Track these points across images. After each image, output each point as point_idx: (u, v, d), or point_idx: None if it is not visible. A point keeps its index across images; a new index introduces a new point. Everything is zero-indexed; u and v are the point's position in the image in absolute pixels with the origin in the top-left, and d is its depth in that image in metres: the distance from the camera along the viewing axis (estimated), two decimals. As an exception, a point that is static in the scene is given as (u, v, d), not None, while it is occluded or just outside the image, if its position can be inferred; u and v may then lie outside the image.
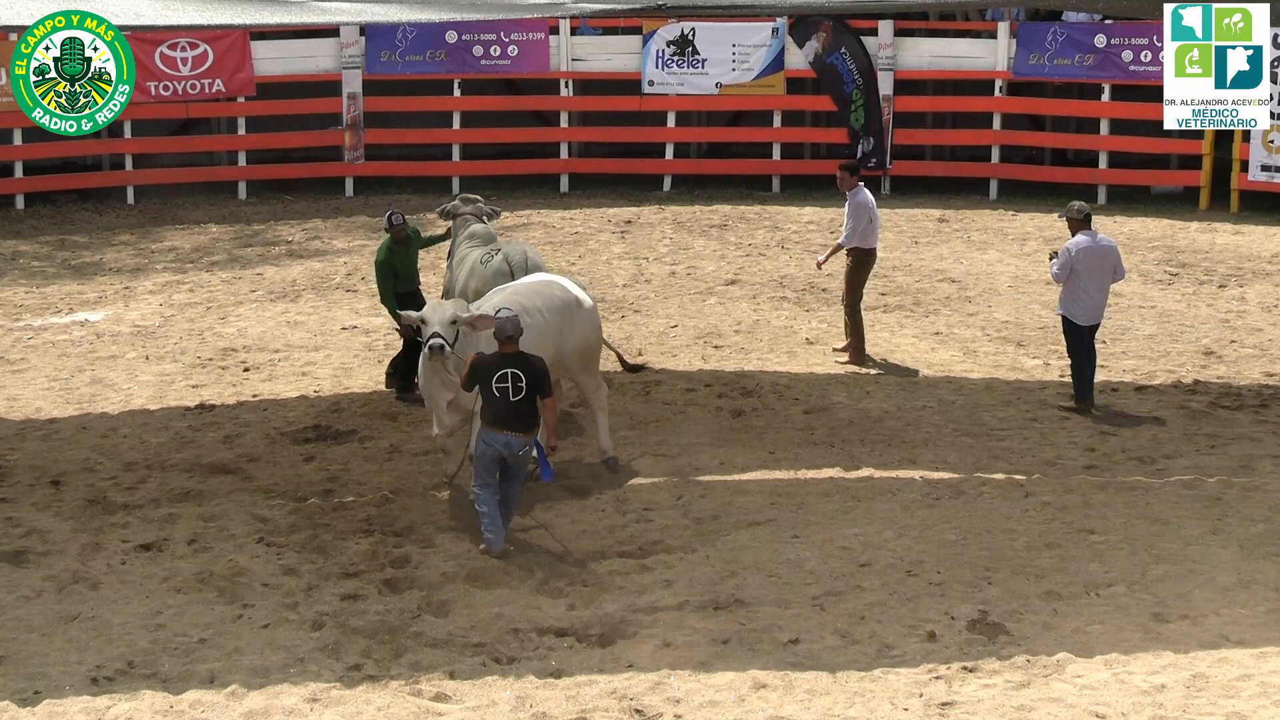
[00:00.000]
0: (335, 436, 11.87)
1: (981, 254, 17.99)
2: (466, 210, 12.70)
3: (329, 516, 10.26)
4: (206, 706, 7.77)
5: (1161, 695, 7.83)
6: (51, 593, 9.09)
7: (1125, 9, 16.64)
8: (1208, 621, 8.65)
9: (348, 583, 9.23)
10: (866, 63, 21.12)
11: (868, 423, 12.10)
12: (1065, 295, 12.30)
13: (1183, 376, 13.32)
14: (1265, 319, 15.24)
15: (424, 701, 7.82)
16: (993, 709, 7.71)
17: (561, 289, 10.95)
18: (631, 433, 11.85)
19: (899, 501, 10.48)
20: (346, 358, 13.94)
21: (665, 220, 19.82)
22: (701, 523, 10.15)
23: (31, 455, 11.48)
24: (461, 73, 21.40)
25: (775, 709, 7.74)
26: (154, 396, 12.90)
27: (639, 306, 15.65)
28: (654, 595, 9.04)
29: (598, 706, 7.77)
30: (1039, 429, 11.96)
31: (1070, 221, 12.29)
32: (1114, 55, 20.41)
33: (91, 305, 15.90)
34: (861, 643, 8.42)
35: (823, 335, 14.55)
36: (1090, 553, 9.59)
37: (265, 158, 21.61)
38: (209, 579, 9.24)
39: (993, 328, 14.87)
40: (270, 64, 20.95)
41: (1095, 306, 12.27)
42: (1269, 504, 10.36)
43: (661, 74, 21.49)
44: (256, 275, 17.10)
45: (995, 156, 21.26)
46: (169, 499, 10.59)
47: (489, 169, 21.68)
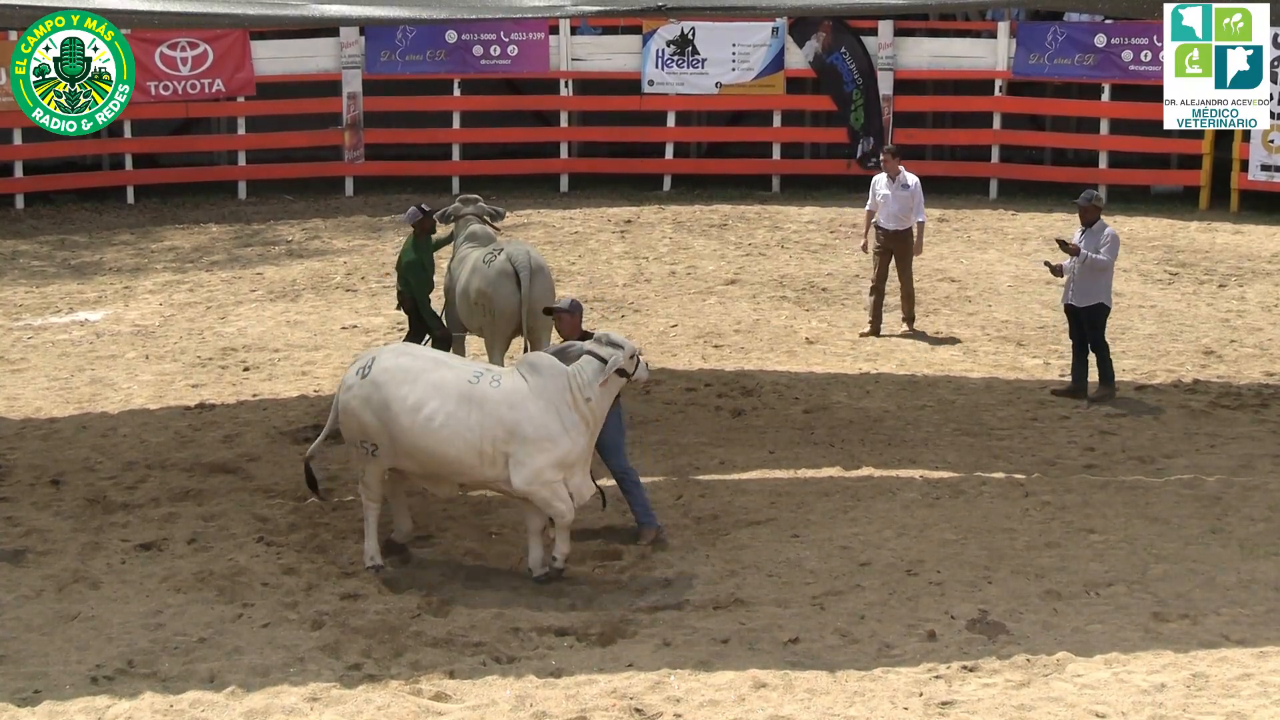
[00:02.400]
0: (335, 436, 11.84)
1: (981, 254, 18.00)
2: (468, 211, 12.66)
3: (329, 516, 10.26)
4: (206, 706, 7.77)
5: (1161, 695, 7.83)
6: (51, 592, 9.08)
7: (1125, 10, 16.64)
8: (1208, 621, 8.65)
9: (348, 582, 9.23)
10: (866, 62, 21.13)
11: (868, 422, 12.10)
12: (1105, 283, 12.52)
13: (1183, 376, 13.33)
14: (1265, 319, 15.24)
15: (424, 701, 7.81)
16: (993, 708, 7.71)
17: None
18: (631, 432, 11.83)
19: (899, 501, 10.48)
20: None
21: (665, 220, 19.82)
22: (701, 523, 10.15)
23: (31, 455, 11.48)
24: (461, 73, 21.41)
25: (775, 708, 7.73)
26: (154, 396, 12.90)
27: (639, 306, 15.65)
28: (654, 595, 9.04)
29: (598, 706, 7.76)
30: (1039, 429, 11.96)
31: (1093, 210, 12.43)
32: (1114, 55, 20.41)
33: (91, 305, 15.90)
34: (861, 642, 8.42)
35: (823, 335, 14.56)
36: (1090, 552, 9.58)
37: (265, 157, 21.61)
38: (209, 578, 9.24)
39: (993, 327, 14.87)
40: (270, 64, 20.96)
41: None
42: (1269, 503, 10.36)
43: (661, 74, 21.50)
44: (256, 275, 17.10)
45: (995, 156, 21.27)
46: (169, 498, 10.59)
47: (489, 169, 21.68)
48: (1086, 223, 12.50)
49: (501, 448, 8.88)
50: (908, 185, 14.38)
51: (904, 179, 14.38)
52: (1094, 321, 12.56)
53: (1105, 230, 12.47)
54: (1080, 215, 12.58)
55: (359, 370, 9.27)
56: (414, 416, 8.94)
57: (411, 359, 9.22)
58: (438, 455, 8.98)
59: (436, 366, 9.13)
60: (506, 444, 8.88)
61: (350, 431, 9.31)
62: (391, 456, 9.18)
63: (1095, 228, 12.45)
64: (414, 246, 12.27)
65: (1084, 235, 12.50)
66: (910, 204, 14.39)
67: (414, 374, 9.04)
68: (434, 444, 8.94)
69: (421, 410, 8.93)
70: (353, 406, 9.18)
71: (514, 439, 8.87)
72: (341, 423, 9.36)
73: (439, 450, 8.96)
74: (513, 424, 8.88)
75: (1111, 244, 12.43)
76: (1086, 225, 12.50)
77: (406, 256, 12.29)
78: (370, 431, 9.15)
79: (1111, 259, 12.48)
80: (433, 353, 9.64)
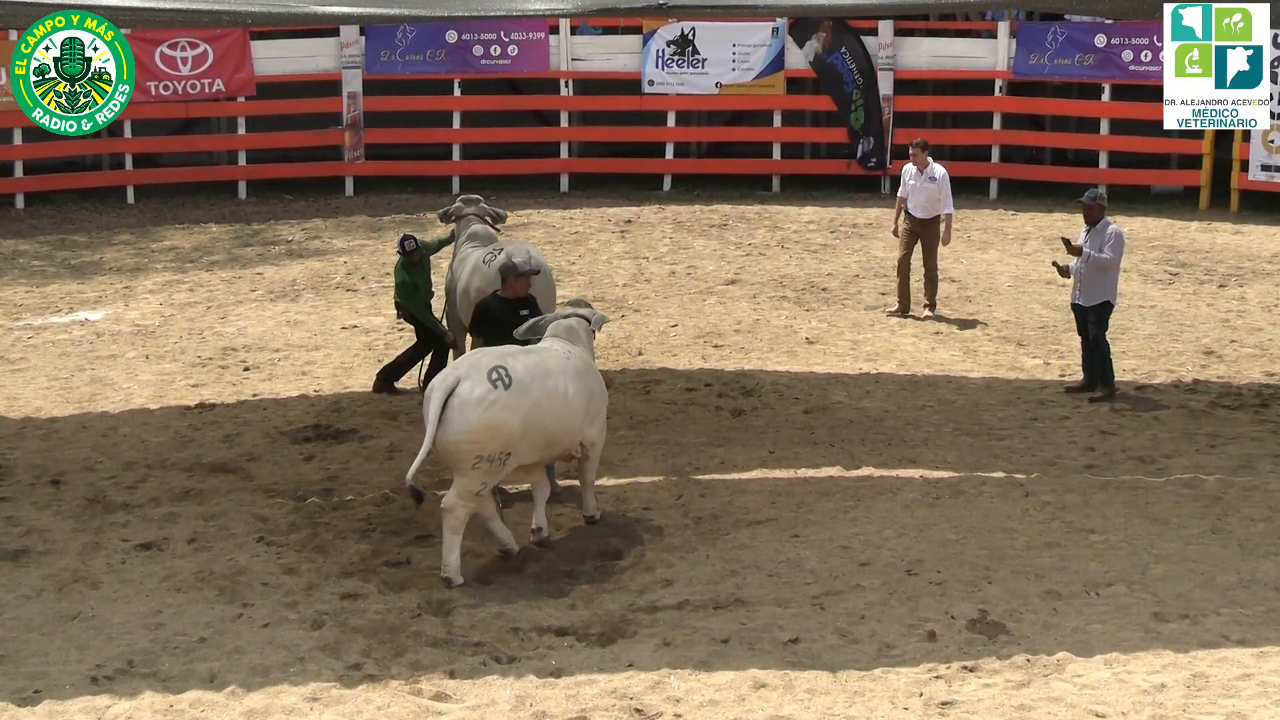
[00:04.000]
0: (335, 436, 11.87)
1: (981, 254, 18.00)
2: (470, 211, 12.70)
3: (329, 516, 10.27)
4: (206, 706, 7.77)
5: (1161, 695, 7.83)
6: (51, 592, 9.08)
7: (1124, 12, 16.64)
8: (1208, 621, 8.65)
9: (348, 582, 9.23)
10: (866, 62, 21.13)
11: (868, 422, 12.10)
12: (1111, 281, 12.57)
13: (1183, 376, 13.33)
14: (1265, 319, 15.24)
15: (424, 701, 7.81)
16: (993, 708, 7.71)
17: None
18: (631, 432, 11.85)
19: (899, 501, 10.48)
20: (346, 357, 13.94)
21: (665, 220, 19.83)
22: (701, 522, 10.15)
23: (31, 454, 11.48)
24: (461, 72, 21.42)
25: (775, 708, 7.73)
26: (154, 396, 12.90)
27: (639, 306, 15.65)
28: (654, 595, 9.04)
29: (598, 706, 7.76)
30: (1039, 429, 11.96)
31: (1097, 208, 12.45)
32: (1114, 55, 20.42)
33: (91, 305, 15.90)
34: (861, 642, 8.42)
35: (823, 335, 14.56)
36: (1090, 552, 9.58)
37: (265, 157, 21.62)
38: (209, 578, 9.24)
39: (993, 327, 14.87)
40: (270, 64, 20.96)
41: None
42: (1269, 503, 10.36)
43: (661, 74, 21.50)
44: (256, 275, 17.10)
45: (995, 156, 21.28)
46: (169, 498, 10.59)
47: (489, 169, 21.69)
48: (1091, 221, 12.52)
49: (592, 407, 9.80)
50: (934, 178, 14.95)
51: (931, 171, 14.96)
52: (1099, 319, 12.57)
53: (1109, 229, 12.48)
54: (1084, 214, 12.60)
55: (493, 383, 9.09)
56: (563, 404, 9.49)
57: (524, 355, 9.54)
58: (571, 432, 9.62)
59: (547, 355, 9.64)
60: (592, 403, 9.81)
61: (487, 447, 9.09)
62: (520, 456, 9.33)
63: (1099, 226, 12.47)
64: (404, 268, 12.64)
65: (1088, 234, 12.52)
66: (937, 195, 14.95)
67: (544, 367, 9.47)
68: (571, 424, 9.59)
69: (566, 396, 9.51)
70: (500, 419, 9.07)
71: (594, 398, 9.86)
72: (472, 442, 9.04)
73: (572, 427, 9.61)
74: (595, 386, 9.89)
75: (1115, 242, 12.45)
76: (1091, 224, 12.51)
77: (399, 277, 12.68)
78: (514, 439, 9.17)
79: (1116, 257, 12.49)
80: (520, 347, 9.79)
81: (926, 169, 14.94)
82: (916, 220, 15.02)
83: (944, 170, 15.07)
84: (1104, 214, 12.56)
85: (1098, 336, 12.60)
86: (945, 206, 14.98)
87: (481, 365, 9.22)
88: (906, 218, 15.08)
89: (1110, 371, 12.66)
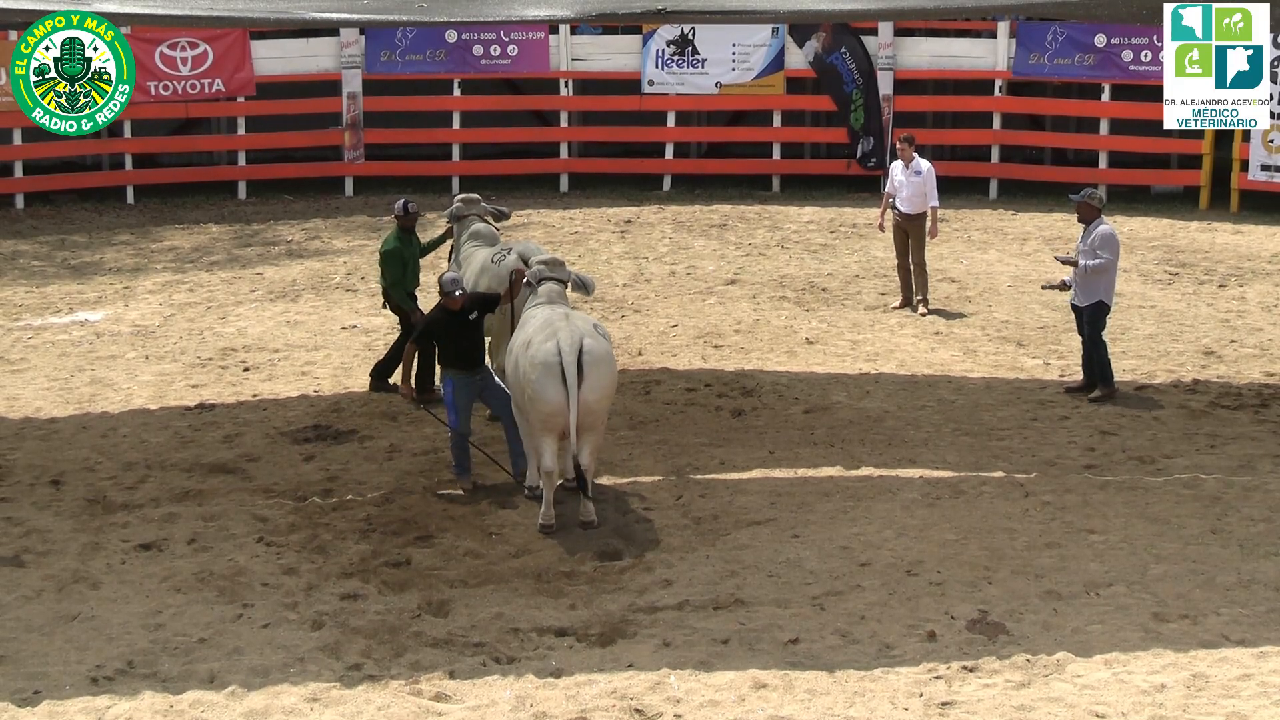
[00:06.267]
0: (335, 436, 11.87)
1: (981, 254, 18.00)
2: (472, 211, 12.71)
3: (329, 516, 10.27)
4: (206, 706, 7.77)
5: (1161, 695, 7.83)
6: (51, 592, 9.09)
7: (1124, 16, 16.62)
8: (1208, 621, 8.65)
9: (348, 583, 9.23)
10: (866, 62, 21.13)
11: (868, 423, 12.10)
12: (1106, 282, 12.56)
13: (1183, 376, 13.33)
14: (1265, 319, 15.24)
15: (424, 701, 7.82)
16: (993, 709, 7.71)
17: None
18: (631, 432, 11.86)
19: (899, 501, 10.48)
20: (346, 358, 13.94)
21: (665, 220, 19.82)
22: (701, 523, 10.15)
23: (31, 455, 11.48)
24: (461, 72, 21.41)
25: (775, 709, 7.74)
26: (154, 396, 12.90)
27: (639, 306, 15.66)
28: (654, 595, 9.04)
29: (598, 706, 7.77)
30: (1039, 429, 11.96)
31: (1086, 207, 12.42)
32: (1114, 55, 20.41)
33: (91, 305, 15.90)
34: (861, 642, 8.42)
35: (823, 335, 14.56)
36: (1090, 552, 9.58)
37: (265, 157, 21.62)
38: (209, 579, 9.25)
39: (993, 328, 14.87)
40: (270, 64, 20.96)
41: None
42: (1269, 503, 10.36)
43: (661, 74, 21.50)
44: (256, 275, 17.10)
45: (995, 156, 21.27)
46: (169, 499, 10.59)
47: (489, 169, 21.69)
48: (1083, 221, 12.50)
49: None
50: (919, 171, 15.14)
51: (916, 165, 15.16)
52: (1093, 319, 12.56)
53: (1097, 229, 12.40)
54: (1077, 213, 12.58)
55: (604, 337, 9.89)
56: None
57: (584, 317, 10.10)
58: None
59: (592, 326, 10.03)
60: None
61: (612, 389, 9.96)
62: None
63: (1091, 226, 12.43)
64: (396, 237, 12.63)
65: (1082, 235, 12.51)
66: (922, 189, 15.12)
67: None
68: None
69: None
70: (616, 369, 10.05)
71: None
72: (611, 395, 9.92)
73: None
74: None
75: (1104, 243, 12.36)
76: (1084, 224, 12.50)
77: (388, 245, 12.63)
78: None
79: (1112, 257, 12.45)
80: (574, 311, 10.24)
81: (912, 163, 15.12)
82: (904, 216, 15.22)
83: (929, 164, 15.25)
84: (1098, 214, 12.48)
85: (1092, 336, 12.58)
86: (931, 199, 15.16)
87: (585, 324, 9.85)
88: (896, 215, 15.27)
89: (1109, 371, 12.65)
